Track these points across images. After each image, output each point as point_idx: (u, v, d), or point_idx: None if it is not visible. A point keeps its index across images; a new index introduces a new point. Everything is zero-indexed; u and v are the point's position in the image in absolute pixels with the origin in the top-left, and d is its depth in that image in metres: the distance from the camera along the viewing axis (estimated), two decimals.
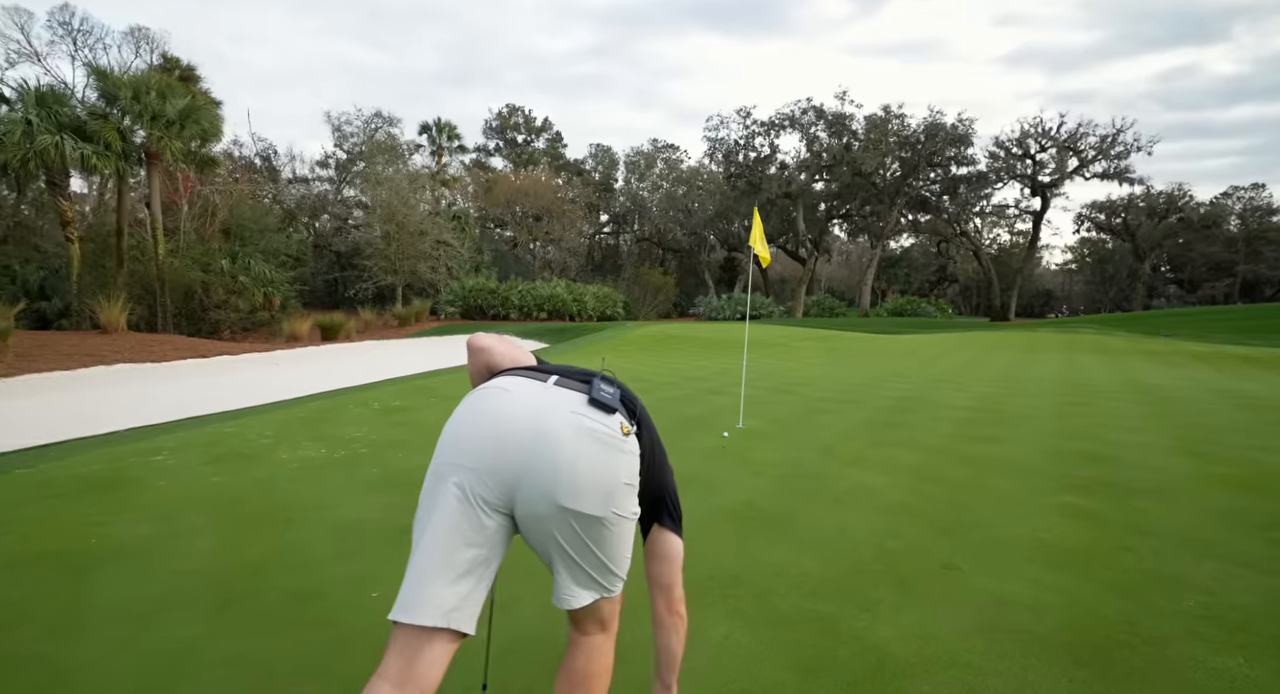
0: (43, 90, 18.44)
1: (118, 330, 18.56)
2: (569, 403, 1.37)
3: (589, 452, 1.32)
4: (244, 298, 25.38)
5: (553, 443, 1.30)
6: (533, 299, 31.69)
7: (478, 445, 1.33)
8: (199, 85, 32.23)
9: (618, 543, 1.39)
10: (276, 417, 6.69)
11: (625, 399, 1.46)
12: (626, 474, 1.37)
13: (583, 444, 1.32)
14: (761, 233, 5.82)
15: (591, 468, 1.31)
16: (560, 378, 1.46)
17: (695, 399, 7.81)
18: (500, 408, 1.36)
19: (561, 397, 1.38)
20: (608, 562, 1.39)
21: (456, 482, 1.31)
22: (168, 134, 19.24)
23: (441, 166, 39.19)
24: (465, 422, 1.37)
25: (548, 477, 1.29)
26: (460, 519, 1.30)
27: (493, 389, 1.41)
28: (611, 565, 1.40)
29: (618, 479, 1.35)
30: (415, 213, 32.54)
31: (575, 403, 1.37)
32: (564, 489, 1.29)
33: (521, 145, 58.33)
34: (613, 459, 1.34)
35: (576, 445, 1.31)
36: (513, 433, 1.32)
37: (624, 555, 1.43)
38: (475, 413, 1.38)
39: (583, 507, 1.31)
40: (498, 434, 1.32)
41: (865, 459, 4.88)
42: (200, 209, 29.13)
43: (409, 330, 27.45)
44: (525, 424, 1.32)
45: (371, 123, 39.93)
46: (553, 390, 1.40)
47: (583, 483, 1.30)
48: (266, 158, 38.30)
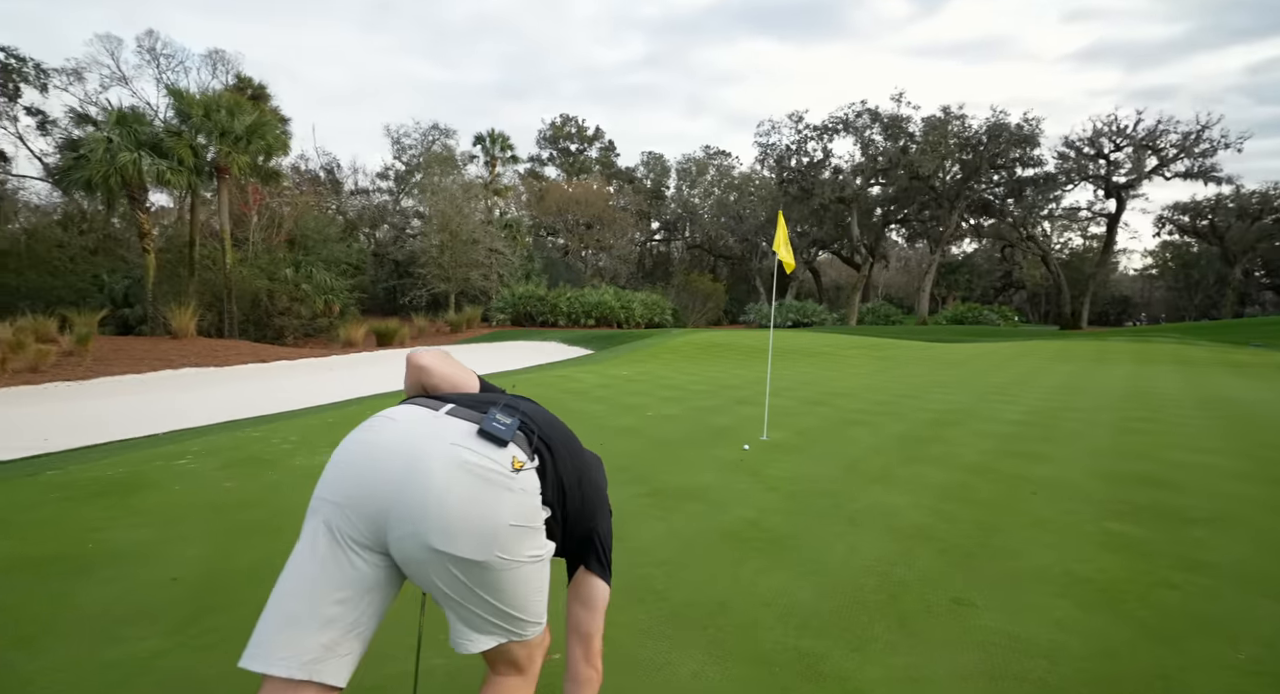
0: (124, 111, 19.72)
1: (188, 336, 19.61)
2: (453, 434, 1.23)
3: (464, 488, 1.17)
4: (306, 305, 26.47)
5: (423, 478, 1.17)
6: (580, 306, 31.90)
7: (347, 479, 1.21)
8: (269, 103, 33.92)
9: (517, 587, 1.23)
10: (307, 422, 6.83)
11: (530, 430, 1.31)
12: (513, 514, 1.20)
13: (457, 480, 1.17)
14: (785, 237, 5.59)
15: (465, 507, 1.17)
16: (456, 406, 1.31)
17: (725, 409, 7.59)
18: (377, 438, 1.24)
19: (448, 427, 1.24)
20: (507, 608, 1.24)
21: (324, 518, 1.20)
22: (235, 149, 20.26)
23: (494, 176, 40.02)
24: (343, 452, 1.25)
25: (415, 515, 1.16)
26: (326, 560, 1.18)
27: (379, 418, 1.28)
28: (514, 612, 1.25)
29: (500, 520, 1.19)
30: (468, 221, 33.29)
31: (460, 434, 1.23)
32: (434, 530, 1.15)
33: (574, 154, 59.16)
34: (495, 497, 1.19)
35: (449, 481, 1.17)
36: (383, 466, 1.19)
37: (532, 600, 1.27)
38: (354, 442, 1.25)
39: (458, 550, 1.16)
40: (368, 467, 1.20)
41: (891, 476, 4.57)
42: (268, 220, 30.62)
43: (459, 337, 28.03)
44: (398, 456, 1.19)
45: (429, 135, 41.21)
46: (441, 420, 1.26)
47: (455, 523, 1.16)
48: (330, 170, 39.98)
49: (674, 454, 5.27)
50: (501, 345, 24.36)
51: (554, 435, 1.36)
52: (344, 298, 28.36)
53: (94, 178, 18.17)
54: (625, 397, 8.61)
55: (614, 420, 6.78)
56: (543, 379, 10.67)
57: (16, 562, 3.01)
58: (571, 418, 6.92)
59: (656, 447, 5.55)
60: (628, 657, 2.26)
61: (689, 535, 3.42)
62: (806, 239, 47.12)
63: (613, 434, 6.06)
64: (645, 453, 5.30)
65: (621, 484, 4.33)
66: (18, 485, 4.23)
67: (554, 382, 10.28)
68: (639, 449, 5.44)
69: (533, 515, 1.23)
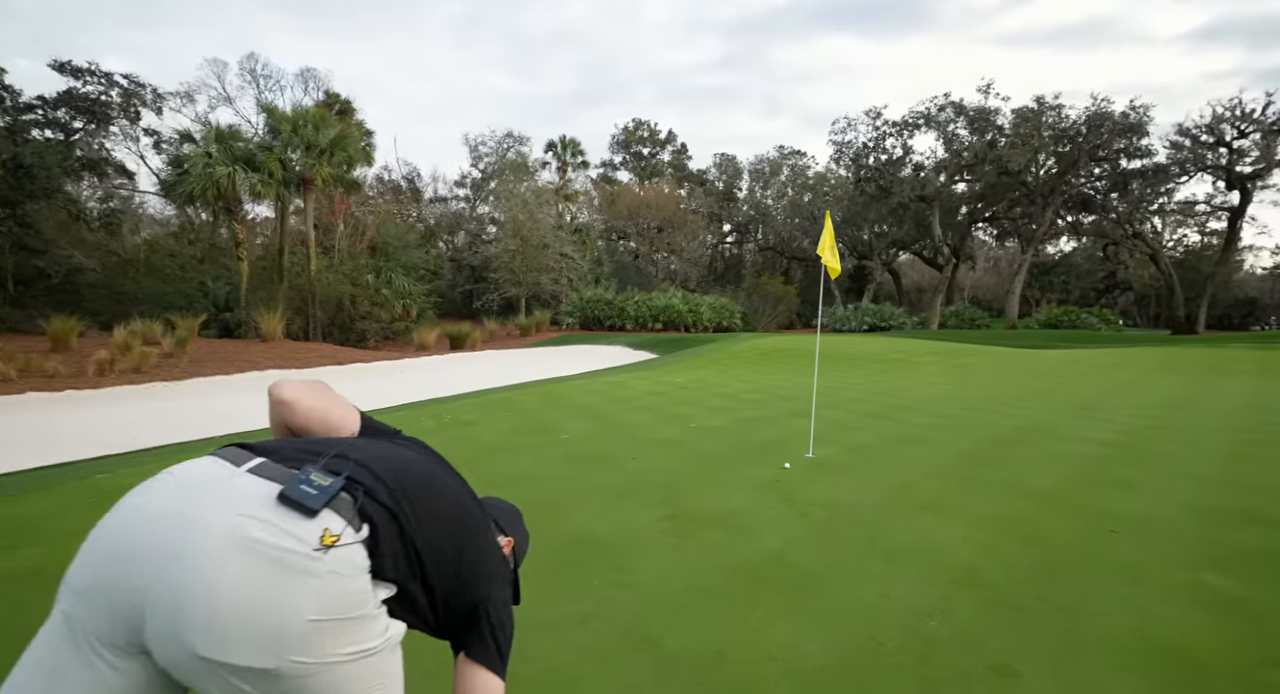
0: (220, 129, 21.17)
1: (275, 339, 20.79)
2: (244, 501, 0.97)
3: (240, 575, 0.91)
4: (385, 309, 27.64)
5: (189, 562, 0.91)
6: (648, 310, 31.79)
7: (98, 557, 0.96)
8: (354, 117, 35.72)
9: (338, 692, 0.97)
10: None
11: (360, 491, 1.04)
12: (316, 607, 0.93)
13: (232, 564, 0.91)
14: (832, 241, 5.17)
15: (241, 600, 0.90)
16: (265, 462, 1.05)
17: (774, 422, 7.18)
18: (144, 505, 0.99)
19: (241, 491, 0.99)
20: None
21: (65, 609, 0.95)
22: (319, 161, 21.35)
23: (566, 181, 40.58)
24: (105, 522, 0.99)
25: (173, 609, 0.90)
26: (61, 663, 0.93)
27: (160, 476, 1.03)
28: None
29: (293, 616, 0.92)
30: (539, 227, 33.87)
31: (253, 501, 0.97)
32: (196, 629, 0.89)
33: (646, 158, 59.32)
34: (285, 587, 0.92)
35: (221, 566, 0.91)
36: (143, 542, 0.94)
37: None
38: (121, 509, 1.00)
39: (231, 656, 0.90)
40: (124, 543, 0.95)
41: (943, 505, 4.10)
42: (352, 228, 32.21)
43: (528, 340, 28.48)
44: (163, 530, 0.94)
45: (504, 143, 42.26)
46: (238, 480, 1.01)
47: (224, 622, 0.90)
48: (411, 180, 41.68)
49: (708, 472, 4.96)
50: (566, 349, 24.54)
51: (411, 493, 1.10)
52: (421, 302, 29.43)
53: (194, 191, 19.57)
54: (673, 406, 8.33)
55: (654, 432, 6.53)
56: (593, 385, 10.54)
57: (18, 573, 3.07)
58: (613, 427, 6.73)
59: (691, 462, 5.25)
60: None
61: (698, 569, 3.12)
62: (885, 240, 45.25)
63: (650, 447, 5.81)
64: (678, 469, 5.02)
65: (642, 506, 4.07)
66: (63, 491, 4.41)
67: (604, 389, 10.13)
68: (672, 465, 5.16)
69: (351, 603, 0.97)
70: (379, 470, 1.10)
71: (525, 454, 5.56)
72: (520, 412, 7.87)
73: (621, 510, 4.00)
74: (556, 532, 3.62)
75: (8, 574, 3.02)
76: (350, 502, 1.02)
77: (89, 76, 26.07)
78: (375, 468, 1.10)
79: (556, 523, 3.77)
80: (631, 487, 4.52)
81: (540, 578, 3.01)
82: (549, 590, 2.87)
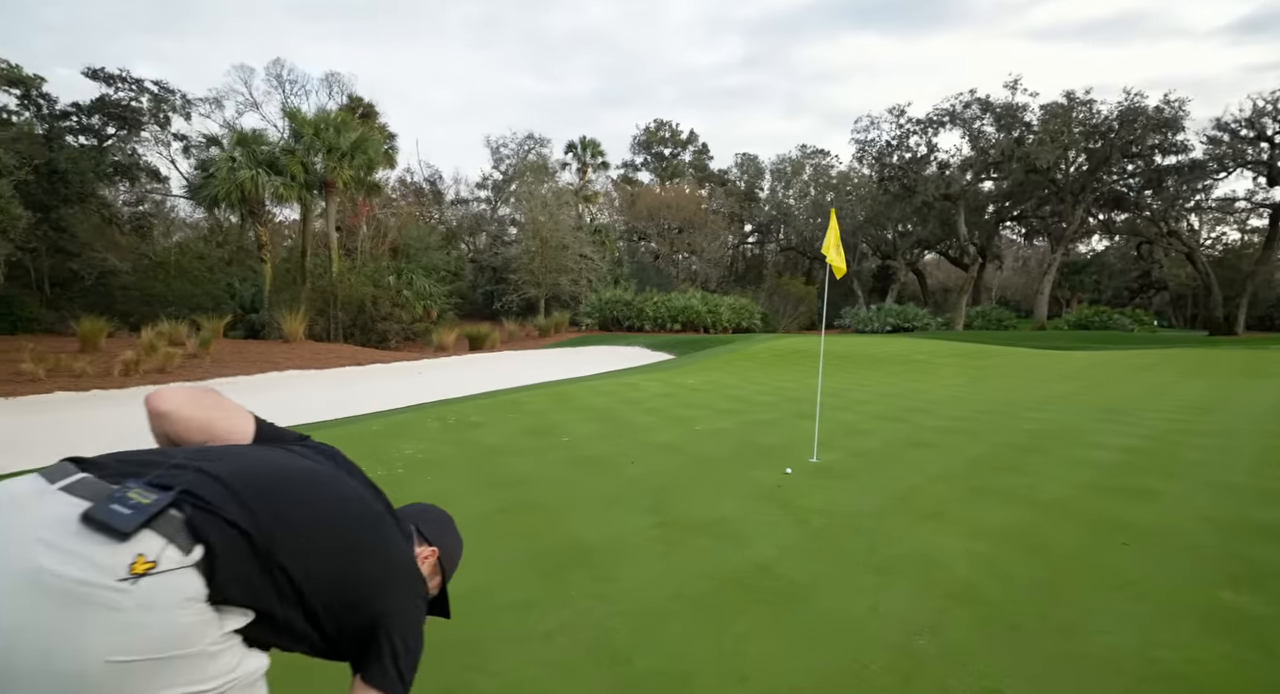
0: (244, 133, 21.55)
1: (297, 340, 21.08)
2: (44, 525, 0.86)
3: (27, 611, 0.82)
4: (406, 310, 27.92)
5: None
6: (667, 311, 31.67)
7: None
8: (377, 120, 36.11)
9: None
10: (361, 428, 6.94)
11: (194, 506, 0.93)
12: (118, 646, 0.83)
13: (20, 600, 0.82)
14: (837, 240, 5.02)
15: (32, 641, 0.81)
16: (87, 477, 0.94)
17: (781, 424, 7.04)
18: None
19: (43, 514, 0.88)
20: None
21: None
22: (340, 164, 21.61)
23: (586, 182, 40.63)
24: None
25: None
26: None
27: None
28: None
29: (88, 657, 0.82)
30: (559, 228, 33.95)
31: (54, 525, 0.86)
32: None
33: (667, 159, 59.22)
34: (78, 624, 0.82)
35: (10, 603, 0.82)
36: None
37: None
38: None
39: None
40: None
41: (946, 513, 3.94)
42: (375, 230, 32.61)
43: (547, 341, 28.54)
44: None
45: (524, 144, 42.45)
46: (45, 501, 0.90)
47: (21, 666, 0.81)
48: (433, 182, 42.06)
49: (706, 476, 4.85)
50: (584, 350, 24.53)
51: (278, 503, 1.01)
52: (441, 303, 29.67)
53: (219, 194, 19.93)
54: (680, 408, 8.22)
55: (657, 434, 6.43)
56: (604, 387, 10.47)
57: None
58: (617, 430, 6.65)
59: (690, 466, 5.15)
60: None
61: (683, 579, 3.02)
62: (910, 239, 44.54)
63: (651, 450, 5.71)
64: (675, 473, 4.91)
65: (633, 512, 3.98)
66: None
67: (615, 390, 10.05)
68: (670, 468, 5.06)
69: (171, 640, 0.86)
70: (233, 481, 0.99)
71: (526, 457, 5.50)
72: (528, 413, 7.83)
73: (613, 516, 3.91)
74: (545, 538, 3.55)
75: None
76: (180, 520, 0.91)
77: (120, 83, 26.74)
78: (228, 478, 0.99)
79: (547, 529, 3.70)
80: (627, 491, 4.43)
81: (519, 586, 2.94)
82: (526, 600, 2.79)
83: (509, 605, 2.73)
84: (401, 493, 4.42)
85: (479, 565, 2.97)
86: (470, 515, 3.75)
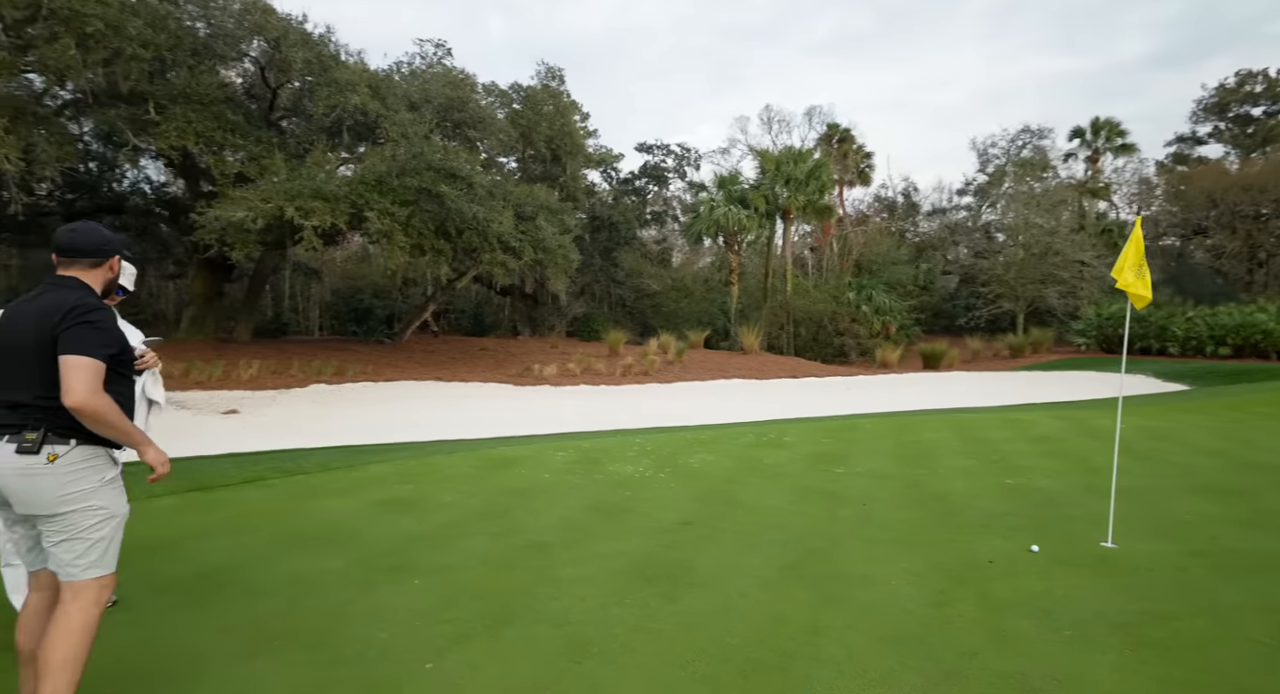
0: (723, 175, 25.60)
1: (753, 352, 23.96)
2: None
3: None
4: (863, 325, 28.35)
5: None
6: (1207, 328, 23.54)
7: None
8: (853, 144, 37.51)
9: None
10: (641, 445, 8.01)
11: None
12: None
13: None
14: (1138, 255, 3.43)
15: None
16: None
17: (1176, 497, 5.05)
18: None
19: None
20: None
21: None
22: (795, 193, 23.59)
23: (1095, 172, 33.31)
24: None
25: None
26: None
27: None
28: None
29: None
30: (1049, 231, 28.98)
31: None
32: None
33: (1259, 120, 43.17)
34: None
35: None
36: None
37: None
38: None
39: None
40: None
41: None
42: (842, 248, 33.98)
43: (1018, 362, 24.79)
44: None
45: (1017, 140, 37.47)
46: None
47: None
48: (907, 194, 41.00)
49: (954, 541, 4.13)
50: (1059, 375, 20.47)
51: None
52: (901, 318, 28.99)
53: (701, 230, 24.27)
54: (1132, 459, 6.61)
55: (980, 499, 5.50)
56: (1032, 420, 8.99)
57: (400, 498, 5.10)
58: (983, 468, 5.97)
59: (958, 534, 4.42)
60: None
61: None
62: None
63: (967, 531, 5.03)
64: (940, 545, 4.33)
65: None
66: (467, 457, 6.76)
67: (1066, 424, 8.56)
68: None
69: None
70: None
71: (772, 495, 5.59)
72: (783, 446, 7.58)
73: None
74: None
75: (392, 498, 5.09)
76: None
77: (657, 150, 34.96)
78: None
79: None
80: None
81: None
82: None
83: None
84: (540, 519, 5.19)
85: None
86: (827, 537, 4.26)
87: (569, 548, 3.97)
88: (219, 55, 16.46)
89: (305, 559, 3.74)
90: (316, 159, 15.51)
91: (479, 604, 3.15)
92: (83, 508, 2.04)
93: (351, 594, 3.26)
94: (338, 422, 10.98)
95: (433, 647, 2.74)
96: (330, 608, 3.10)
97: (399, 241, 15.41)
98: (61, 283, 2.10)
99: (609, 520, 4.56)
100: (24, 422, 1.99)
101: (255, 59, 17.86)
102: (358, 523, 4.45)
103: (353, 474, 5.89)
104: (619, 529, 4.35)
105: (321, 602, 3.17)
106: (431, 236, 16.42)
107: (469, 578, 3.49)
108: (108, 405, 2.00)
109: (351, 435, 8.83)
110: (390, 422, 10.76)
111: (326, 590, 3.30)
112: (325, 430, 9.66)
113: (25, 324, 2.03)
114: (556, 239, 18.77)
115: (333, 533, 4.23)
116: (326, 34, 18.12)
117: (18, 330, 2.03)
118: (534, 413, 12.25)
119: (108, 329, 2.07)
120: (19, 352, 2.02)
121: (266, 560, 3.72)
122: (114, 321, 2.16)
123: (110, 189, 21.55)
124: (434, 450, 7.14)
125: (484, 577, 3.51)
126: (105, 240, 2.19)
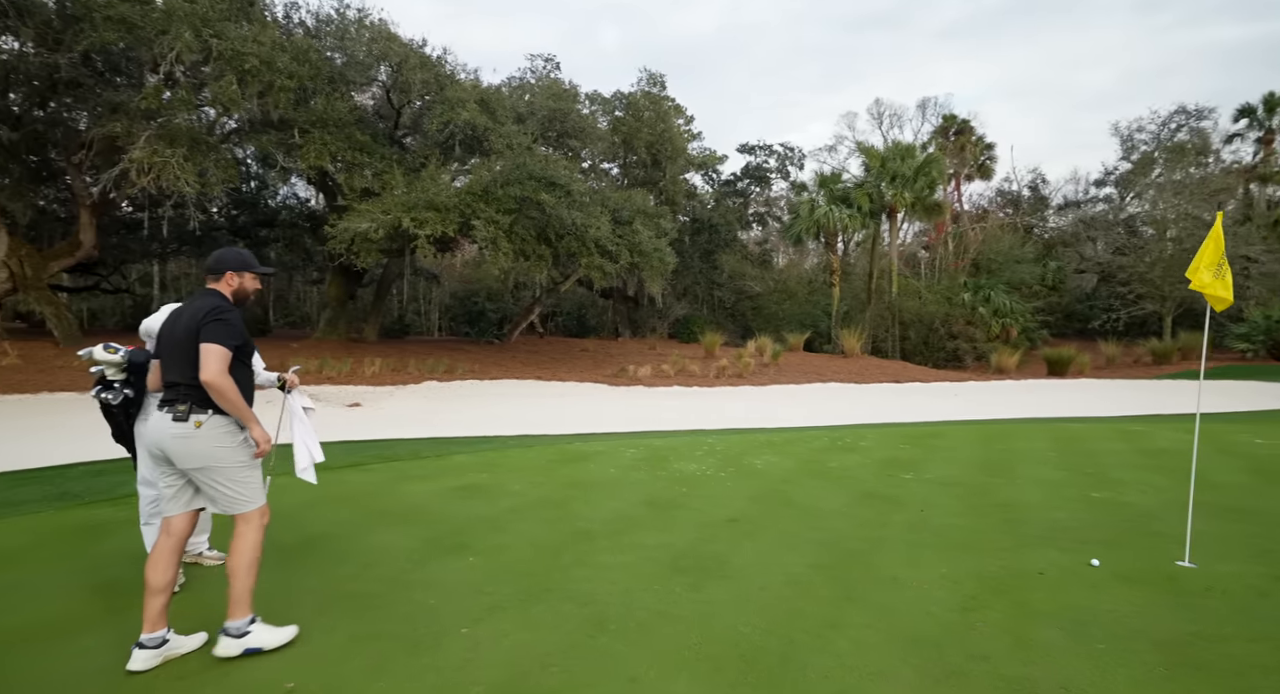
0: (825, 174, 24.93)
1: (854, 355, 23.18)
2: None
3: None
4: (980, 328, 26.59)
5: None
6: None
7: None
8: (973, 135, 35.32)
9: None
10: (711, 445, 8.02)
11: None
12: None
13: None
14: (1217, 252, 3.12)
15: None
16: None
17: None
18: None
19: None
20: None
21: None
22: (901, 190, 22.58)
23: (1269, 153, 29.24)
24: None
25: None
26: (156, 476, 2.80)
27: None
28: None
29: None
30: (1206, 224, 25.84)
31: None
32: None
33: None
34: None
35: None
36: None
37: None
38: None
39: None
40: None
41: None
42: (958, 246, 32.02)
43: (1160, 370, 22.30)
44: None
45: (1170, 122, 33.64)
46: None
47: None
48: (1034, 187, 37.91)
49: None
50: (1212, 385, 18.22)
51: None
52: (1024, 321, 26.93)
53: (801, 231, 23.81)
54: (1137, 470, 6.08)
55: (1052, 512, 5.23)
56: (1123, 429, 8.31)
57: (474, 485, 5.58)
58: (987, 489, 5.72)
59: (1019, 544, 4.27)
60: None
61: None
62: None
63: (1030, 544, 4.85)
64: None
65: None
66: (541, 451, 7.17)
67: (1131, 436, 7.92)
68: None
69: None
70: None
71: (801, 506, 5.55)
72: (855, 448, 7.30)
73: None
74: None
75: (468, 484, 5.59)
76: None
77: (759, 150, 34.57)
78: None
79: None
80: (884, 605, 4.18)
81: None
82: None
83: None
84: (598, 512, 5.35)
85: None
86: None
87: (613, 537, 4.22)
88: (351, 81, 18.26)
89: (384, 534, 4.23)
90: (431, 173, 16.77)
91: (519, 581, 3.47)
92: (230, 461, 2.69)
93: (414, 565, 3.68)
94: (441, 416, 11.88)
95: (470, 615, 3.07)
96: (393, 576, 3.53)
97: (503, 248, 16.37)
98: (206, 292, 2.78)
99: (659, 514, 4.77)
100: (176, 397, 2.65)
101: (382, 83, 19.59)
102: (434, 504, 4.94)
103: (439, 462, 6.47)
104: (666, 522, 4.55)
105: (388, 570, 3.61)
106: (533, 242, 17.31)
107: (517, 558, 3.82)
108: (229, 384, 2.60)
109: (449, 428, 9.57)
110: (486, 416, 11.51)
111: (395, 561, 3.75)
112: (428, 423, 10.50)
113: (181, 322, 2.68)
114: (652, 242, 19.14)
115: (412, 512, 4.73)
116: (443, 55, 19.58)
117: (178, 326, 2.69)
118: (620, 412, 12.63)
119: (236, 326, 2.67)
120: (178, 343, 2.66)
121: (353, 533, 4.25)
122: (241, 321, 2.77)
123: (266, 205, 24.50)
124: (515, 444, 7.65)
125: (530, 558, 3.83)
126: (218, 260, 2.85)
